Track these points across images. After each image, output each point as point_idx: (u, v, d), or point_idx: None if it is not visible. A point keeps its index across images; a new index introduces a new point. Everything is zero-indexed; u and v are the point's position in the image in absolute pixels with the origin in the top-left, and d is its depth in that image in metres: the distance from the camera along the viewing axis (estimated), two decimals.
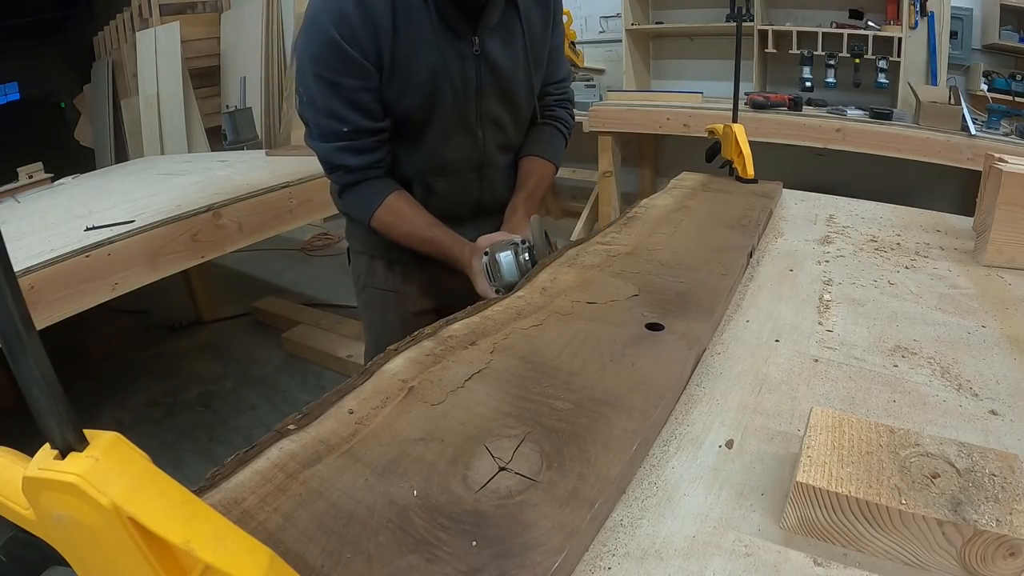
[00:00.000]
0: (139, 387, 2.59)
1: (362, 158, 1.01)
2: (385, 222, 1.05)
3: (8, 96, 7.22)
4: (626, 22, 3.48)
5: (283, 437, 0.54)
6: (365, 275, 1.21)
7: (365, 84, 0.95)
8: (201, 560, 0.31)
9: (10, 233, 1.77)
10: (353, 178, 1.03)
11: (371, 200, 1.04)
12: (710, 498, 0.50)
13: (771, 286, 0.90)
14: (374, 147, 1.01)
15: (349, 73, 0.93)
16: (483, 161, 1.11)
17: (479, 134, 1.08)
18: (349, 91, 0.94)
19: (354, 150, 1.00)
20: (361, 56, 0.93)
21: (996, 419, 0.60)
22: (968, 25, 2.83)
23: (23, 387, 0.29)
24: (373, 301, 1.22)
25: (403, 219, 1.05)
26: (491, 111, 1.07)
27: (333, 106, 0.96)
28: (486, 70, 1.02)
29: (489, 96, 1.05)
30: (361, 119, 0.97)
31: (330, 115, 0.97)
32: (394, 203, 1.04)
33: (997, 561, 0.41)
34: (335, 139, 0.99)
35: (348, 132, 0.97)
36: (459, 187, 1.11)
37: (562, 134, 1.24)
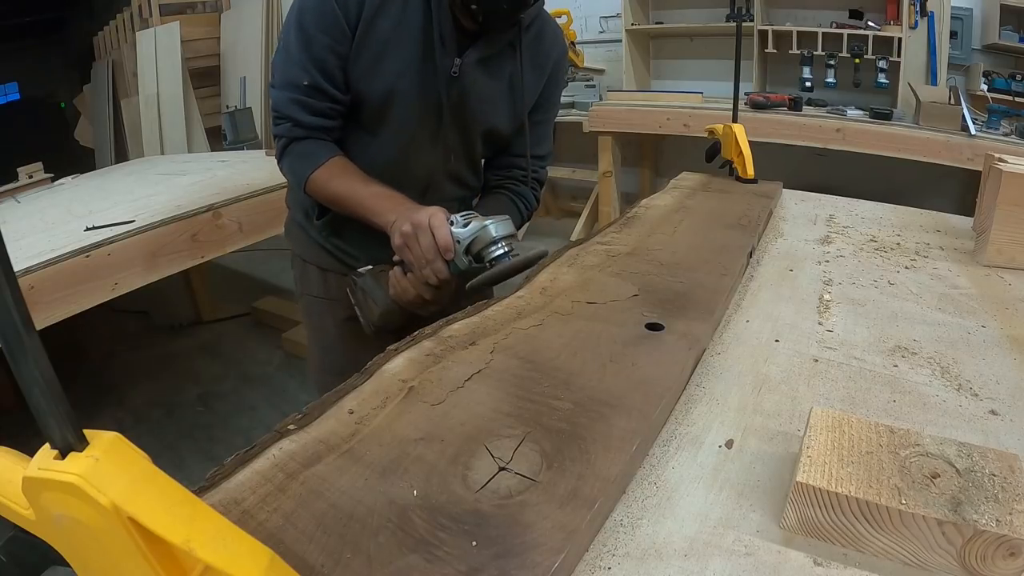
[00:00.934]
0: (139, 387, 2.59)
1: (314, 118, 0.97)
2: (323, 177, 0.97)
3: (8, 96, 7.22)
4: (626, 22, 3.48)
5: (283, 437, 0.54)
6: (300, 282, 1.19)
7: (336, 46, 0.93)
8: (201, 560, 0.31)
9: (10, 233, 1.77)
10: (300, 132, 0.98)
11: (315, 157, 0.98)
12: (710, 498, 0.50)
13: (771, 286, 0.90)
14: (328, 112, 0.97)
15: (325, 29, 0.92)
16: (428, 183, 1.07)
17: (432, 155, 1.04)
18: (320, 48, 0.92)
19: (308, 108, 0.96)
20: (343, 16, 0.91)
21: (996, 419, 0.60)
22: (968, 25, 2.83)
23: (23, 387, 0.29)
24: (309, 309, 1.19)
25: (345, 172, 0.98)
26: (449, 137, 1.03)
27: (302, 58, 0.93)
28: (456, 95, 0.99)
29: (450, 122, 1.01)
30: (322, 79, 0.94)
31: (296, 64, 0.94)
32: (338, 162, 0.99)
33: (997, 561, 0.41)
34: (293, 90, 0.95)
35: (307, 87, 0.94)
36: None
37: (520, 213, 1.13)
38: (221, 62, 5.04)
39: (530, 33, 1.02)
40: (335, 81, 0.95)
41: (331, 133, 1.00)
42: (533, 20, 1.02)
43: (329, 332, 1.17)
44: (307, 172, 0.97)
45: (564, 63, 1.14)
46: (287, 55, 0.95)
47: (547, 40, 1.06)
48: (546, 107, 1.12)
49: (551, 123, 1.16)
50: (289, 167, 1.01)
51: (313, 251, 1.14)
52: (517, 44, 1.00)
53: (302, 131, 0.98)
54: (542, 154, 1.16)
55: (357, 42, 0.93)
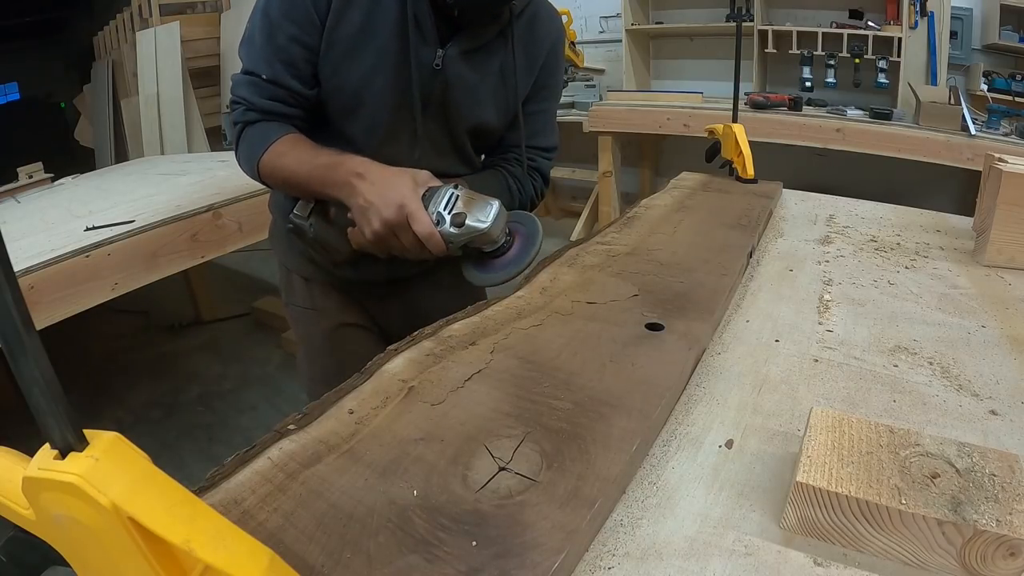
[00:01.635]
0: (139, 387, 2.59)
1: (270, 103, 0.89)
2: (276, 153, 0.88)
3: (8, 96, 7.22)
4: (626, 22, 3.48)
5: (283, 437, 0.54)
6: (285, 291, 1.14)
7: (304, 38, 0.86)
8: (201, 560, 0.31)
9: (10, 233, 1.77)
10: (254, 116, 0.90)
11: (268, 135, 0.89)
12: (710, 498, 0.50)
13: (771, 286, 0.90)
14: (287, 99, 0.89)
15: (293, 18, 0.85)
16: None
17: (415, 155, 0.95)
18: (286, 39, 0.85)
19: (263, 92, 0.88)
20: (312, 3, 0.84)
21: (996, 419, 0.60)
22: (968, 25, 2.83)
23: (23, 387, 0.29)
24: (296, 319, 1.15)
25: (298, 146, 0.89)
26: (432, 134, 0.96)
27: (266, 49, 0.87)
28: (439, 88, 0.92)
29: (434, 117, 0.94)
30: (286, 74, 0.87)
31: (258, 54, 0.87)
32: (292, 137, 0.90)
33: (997, 561, 0.41)
34: (253, 76, 0.89)
35: (267, 79, 0.87)
36: None
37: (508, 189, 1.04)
38: (221, 62, 5.04)
39: (523, 19, 0.95)
40: (300, 75, 0.88)
41: (288, 119, 0.92)
42: (526, 5, 0.95)
43: (316, 342, 1.13)
44: (258, 154, 0.89)
45: (560, 48, 1.05)
46: (251, 45, 0.89)
47: (541, 25, 0.99)
48: (544, 95, 1.04)
49: (551, 112, 1.09)
50: (243, 155, 0.93)
51: (296, 260, 1.09)
52: (509, 33, 0.93)
53: (256, 114, 0.90)
54: (544, 145, 1.08)
55: (327, 33, 0.86)
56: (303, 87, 0.89)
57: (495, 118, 0.99)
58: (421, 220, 0.78)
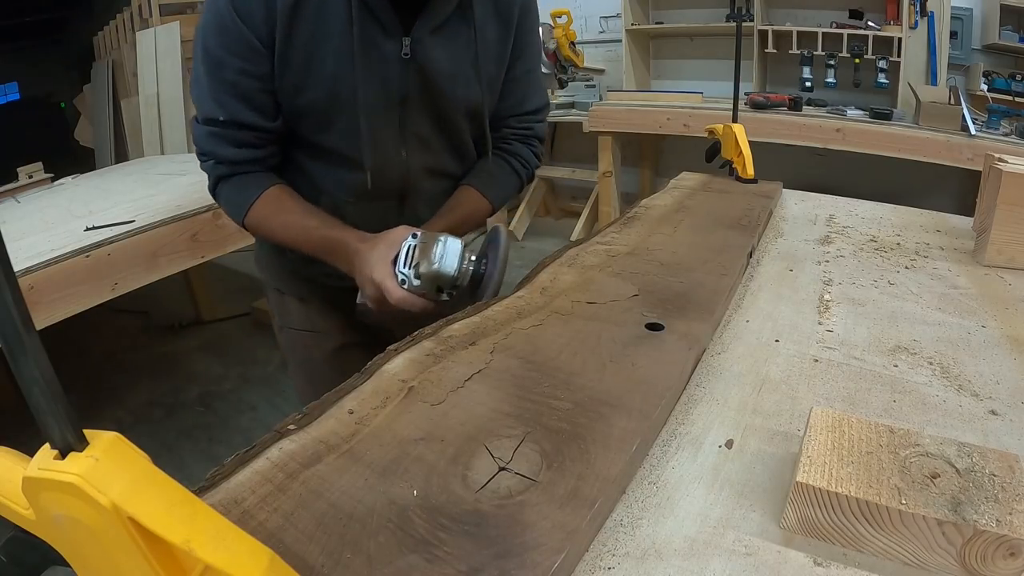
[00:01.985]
0: (139, 387, 2.59)
1: (239, 151, 0.86)
2: (260, 215, 0.87)
3: (8, 96, 7.23)
4: (626, 22, 3.49)
5: (283, 437, 0.54)
6: (279, 314, 1.08)
7: (252, 68, 0.81)
8: (201, 560, 0.31)
9: (10, 233, 1.77)
10: (226, 170, 0.87)
11: (247, 193, 0.87)
12: (710, 498, 0.50)
13: (771, 286, 0.90)
14: (255, 142, 0.86)
15: (235, 52, 0.80)
16: (406, 187, 0.94)
17: (402, 154, 0.91)
18: (234, 73, 0.81)
19: (229, 140, 0.85)
20: (249, 29, 0.79)
21: (996, 419, 0.60)
22: (968, 25, 2.83)
23: (23, 387, 0.29)
24: (293, 343, 1.09)
25: (282, 208, 0.87)
26: (418, 128, 0.91)
27: (216, 88, 0.82)
28: (416, 78, 0.87)
29: (418, 109, 0.89)
30: (242, 110, 0.83)
31: (211, 98, 0.83)
32: (274, 194, 0.88)
33: (997, 561, 0.41)
34: (211, 124, 0.84)
35: (223, 121, 0.83)
36: (375, 215, 0.92)
37: (516, 173, 1.04)
38: None
39: None
40: (259, 107, 0.84)
41: (262, 163, 0.89)
42: None
43: (318, 366, 1.06)
44: (240, 214, 0.88)
45: (532, 4, 0.99)
46: (199, 86, 0.84)
47: None
48: (524, 57, 0.98)
49: (536, 72, 1.03)
50: (224, 209, 0.92)
51: (290, 280, 1.04)
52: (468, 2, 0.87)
53: (226, 168, 0.87)
54: (534, 108, 1.04)
55: (279, 54, 0.81)
56: (264, 120, 0.85)
57: (484, 94, 0.94)
58: (390, 290, 0.78)
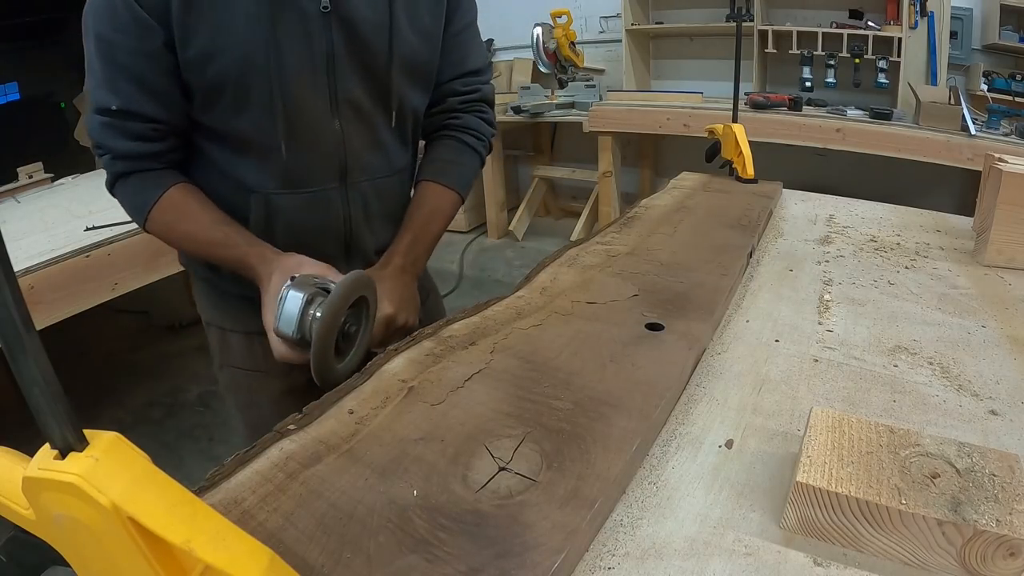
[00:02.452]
0: (139, 387, 2.59)
1: (135, 144, 0.76)
2: (162, 222, 0.79)
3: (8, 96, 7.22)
4: (626, 22, 3.49)
5: (283, 437, 0.54)
6: (220, 353, 0.95)
7: (143, 47, 0.71)
8: (201, 560, 0.31)
9: (10, 233, 1.77)
10: (123, 166, 0.78)
11: (146, 194, 0.78)
12: (710, 498, 0.50)
13: (771, 286, 0.90)
14: (151, 135, 0.77)
15: (124, 29, 0.71)
16: (345, 166, 0.84)
17: (336, 124, 0.81)
18: (124, 54, 0.72)
19: (124, 132, 0.76)
20: (140, 6, 0.70)
21: (996, 419, 0.60)
22: (968, 25, 2.83)
23: (23, 387, 0.29)
24: (235, 383, 0.96)
25: (185, 215, 0.78)
26: (351, 93, 0.80)
27: (108, 74, 0.73)
28: (340, 35, 0.77)
29: (347, 72, 0.79)
30: (137, 96, 0.74)
31: (104, 83, 0.74)
32: (176, 196, 0.79)
33: (997, 561, 0.41)
34: (105, 114, 0.75)
35: (116, 111, 0.74)
36: (316, 206, 0.83)
37: (473, 149, 0.95)
38: None
39: None
40: (156, 93, 0.74)
41: (162, 158, 0.80)
42: None
43: (262, 410, 0.94)
44: (141, 218, 0.80)
45: None
46: (91, 73, 0.75)
47: None
48: (462, 9, 0.89)
49: (475, 28, 0.93)
50: (125, 206, 0.82)
51: (231, 312, 0.92)
52: None
53: (123, 164, 0.78)
54: (476, 68, 0.94)
55: (179, 23, 0.71)
56: (161, 108, 0.75)
57: (421, 47, 0.85)
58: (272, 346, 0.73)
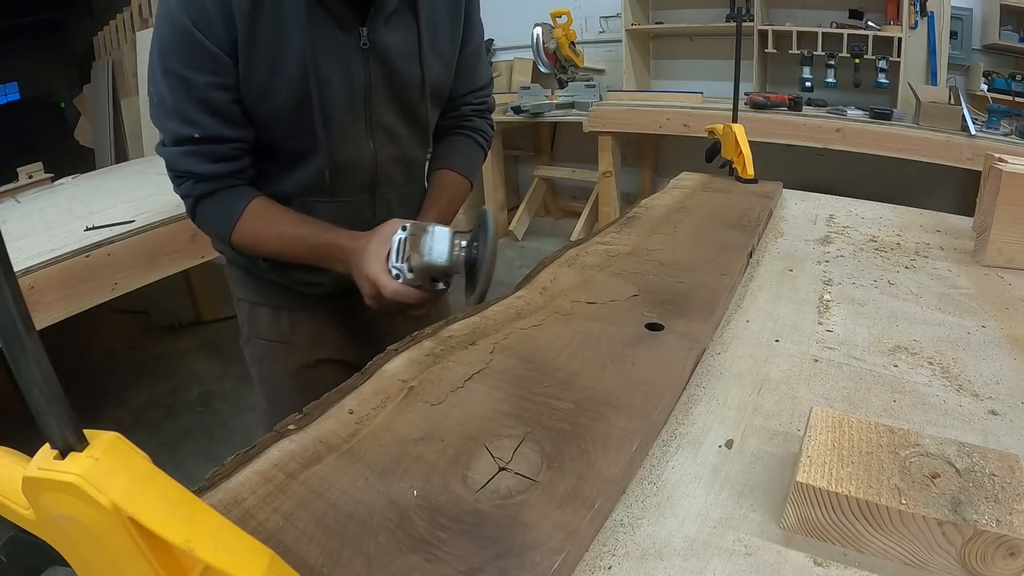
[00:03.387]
0: (139, 387, 2.59)
1: (217, 166, 0.84)
2: (248, 231, 0.87)
3: (8, 96, 7.22)
4: (626, 22, 3.49)
5: (283, 437, 0.55)
6: (248, 324, 1.04)
7: (219, 80, 0.79)
8: (201, 560, 0.31)
9: (10, 233, 1.77)
10: (206, 187, 0.85)
11: (231, 209, 0.86)
12: (710, 498, 0.50)
13: (771, 286, 0.90)
14: (232, 154, 0.85)
15: (200, 66, 0.78)
16: (375, 179, 0.94)
17: (370, 145, 0.91)
18: (201, 89, 0.79)
19: (206, 156, 0.83)
20: (212, 43, 0.77)
21: (996, 419, 0.60)
22: (968, 25, 2.83)
23: (23, 387, 0.29)
24: (260, 354, 1.05)
25: (270, 221, 0.87)
26: (384, 118, 0.91)
27: (184, 107, 0.80)
28: (377, 68, 0.87)
29: (381, 100, 0.89)
30: (215, 124, 0.81)
31: (181, 117, 0.81)
32: (257, 207, 0.87)
33: (997, 561, 0.41)
34: (185, 143, 0.82)
35: (200, 139, 0.82)
36: (347, 212, 0.93)
37: (480, 146, 1.09)
38: None
39: None
40: (233, 120, 0.83)
41: (241, 175, 0.87)
42: None
43: (281, 381, 1.03)
44: (226, 232, 0.87)
45: None
46: (164, 108, 0.81)
47: None
48: (474, 32, 0.99)
49: (482, 47, 1.04)
50: (206, 229, 0.91)
51: (263, 290, 1.01)
52: None
53: (206, 185, 0.85)
54: (484, 83, 1.07)
55: (243, 61, 0.80)
56: (238, 131, 0.83)
57: (443, 73, 0.96)
58: (384, 285, 0.78)
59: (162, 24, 0.79)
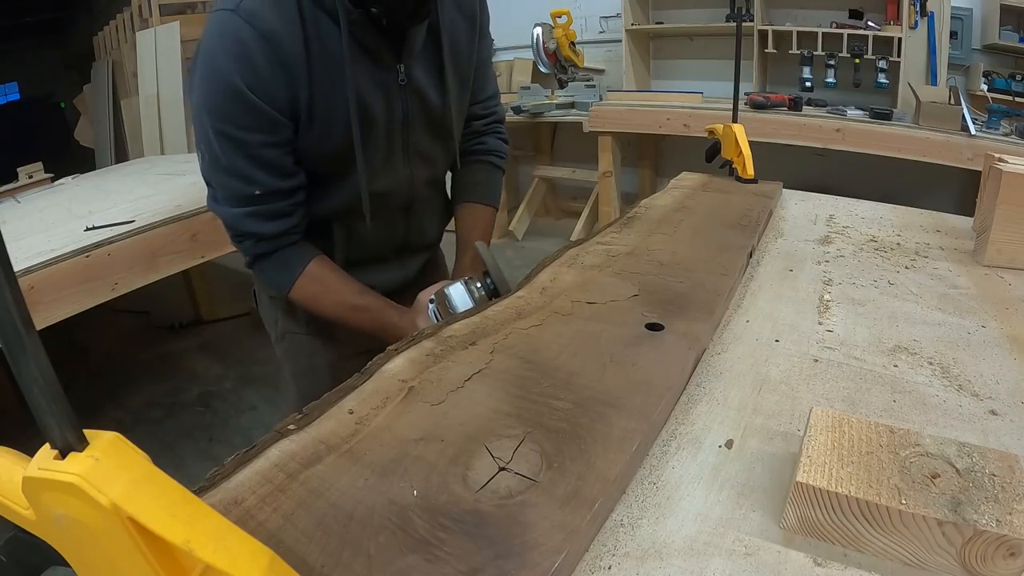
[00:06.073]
0: (139, 387, 2.59)
1: (276, 224, 0.88)
2: (308, 293, 0.93)
3: (8, 96, 7.22)
4: (626, 22, 3.49)
5: (283, 437, 0.54)
6: (284, 320, 1.07)
7: (274, 139, 0.82)
8: (201, 560, 0.31)
9: (10, 233, 1.77)
10: (266, 247, 0.90)
11: (289, 270, 0.92)
12: (710, 498, 0.50)
13: (771, 286, 0.90)
14: (289, 211, 0.89)
15: (256, 127, 0.80)
16: (411, 198, 1.01)
17: (408, 171, 0.97)
18: (256, 148, 0.81)
19: (266, 215, 0.87)
20: (270, 106, 0.79)
21: (996, 419, 0.60)
22: (968, 25, 2.83)
23: (23, 387, 0.29)
24: (297, 349, 1.08)
25: (329, 288, 0.93)
26: (420, 145, 0.96)
27: (239, 166, 0.82)
28: (413, 101, 0.92)
29: (417, 129, 0.94)
30: (273, 179, 0.84)
31: (237, 176, 0.83)
32: (316, 271, 0.92)
33: (997, 561, 0.41)
34: (244, 203, 0.85)
35: (260, 196, 0.85)
36: (384, 227, 0.99)
37: (498, 168, 1.14)
38: None
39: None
40: (287, 172, 0.86)
41: (298, 229, 0.92)
42: None
43: (319, 374, 1.05)
44: (285, 290, 0.92)
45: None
46: (219, 166, 0.83)
47: None
48: (482, 45, 1.03)
49: (490, 60, 1.09)
50: (265, 283, 0.96)
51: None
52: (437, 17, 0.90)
53: (266, 245, 0.90)
54: (492, 92, 1.11)
55: (304, 118, 0.83)
56: (292, 180, 0.87)
57: (463, 93, 1.01)
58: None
59: (211, 84, 0.78)
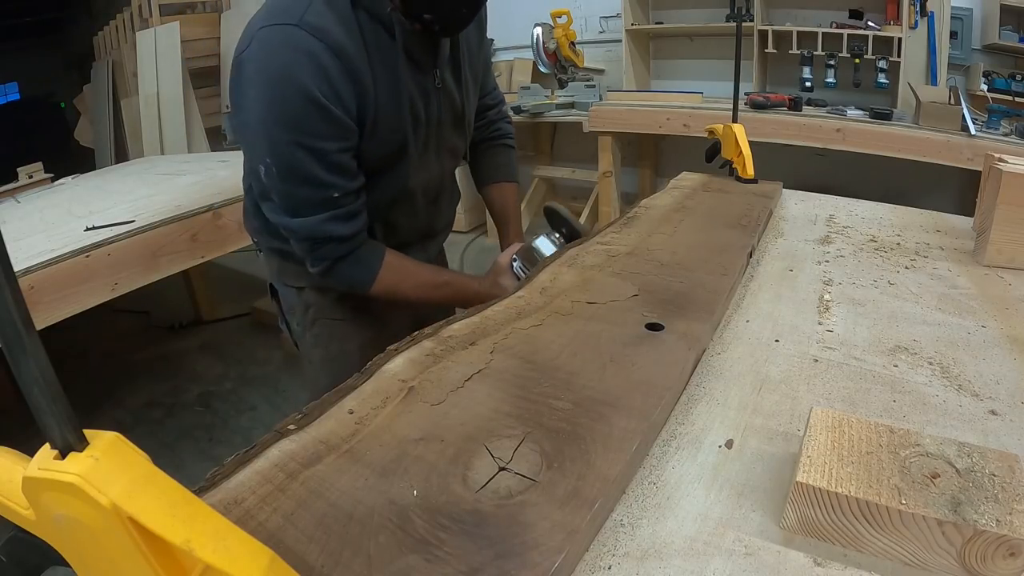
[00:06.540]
0: (139, 387, 2.59)
1: (352, 224, 0.93)
2: (389, 284, 0.99)
3: (8, 96, 7.22)
4: (626, 22, 3.48)
5: (283, 437, 0.54)
6: (315, 307, 1.10)
7: (347, 144, 0.87)
8: (201, 560, 0.31)
9: (10, 233, 1.77)
10: (346, 248, 0.94)
11: (370, 267, 0.97)
12: (710, 498, 0.50)
13: (771, 286, 0.90)
14: (360, 210, 0.94)
15: (333, 136, 0.84)
16: (440, 191, 1.11)
17: (439, 165, 1.07)
18: (333, 155, 0.86)
19: (343, 218, 0.91)
20: (344, 114, 0.84)
21: (996, 419, 0.60)
22: (968, 25, 2.83)
23: (23, 387, 0.29)
24: (328, 334, 1.11)
25: (407, 275, 1.01)
26: (448, 140, 1.06)
27: (316, 174, 0.85)
28: (444, 101, 1.01)
29: (447, 126, 1.04)
30: (345, 180, 0.89)
31: (315, 184, 0.87)
32: (394, 262, 0.99)
33: (997, 561, 0.41)
34: (322, 208, 0.89)
35: (338, 198, 0.89)
36: (412, 216, 1.08)
37: (511, 148, 1.28)
38: (221, 62, 5.04)
39: None
40: (353, 173, 0.92)
41: (366, 227, 0.97)
42: None
43: (351, 357, 1.07)
44: (367, 286, 0.98)
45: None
46: (295, 178, 0.86)
47: None
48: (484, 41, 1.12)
49: (489, 57, 1.21)
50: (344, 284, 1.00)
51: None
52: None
53: (346, 247, 0.94)
54: (494, 85, 1.25)
55: (369, 124, 0.89)
56: (357, 180, 0.92)
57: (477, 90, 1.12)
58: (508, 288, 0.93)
59: (284, 95, 0.81)
